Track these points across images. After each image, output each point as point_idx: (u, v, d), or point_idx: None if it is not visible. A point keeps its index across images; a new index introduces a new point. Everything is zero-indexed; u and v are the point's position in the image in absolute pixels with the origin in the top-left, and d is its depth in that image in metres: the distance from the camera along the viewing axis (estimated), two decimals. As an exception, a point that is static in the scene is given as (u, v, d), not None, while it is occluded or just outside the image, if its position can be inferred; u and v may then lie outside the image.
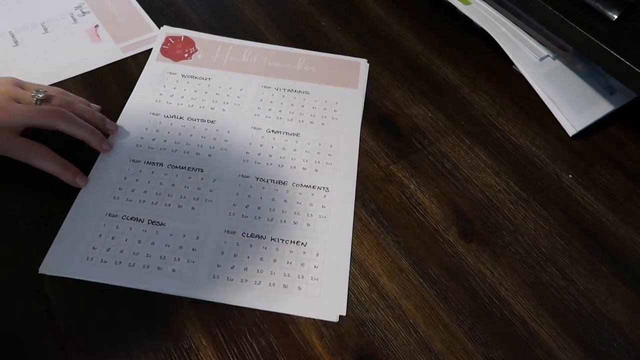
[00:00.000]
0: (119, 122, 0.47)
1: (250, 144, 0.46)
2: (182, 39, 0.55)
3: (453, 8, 0.57)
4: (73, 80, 0.50)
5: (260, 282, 0.38)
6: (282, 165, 0.45)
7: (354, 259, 0.40)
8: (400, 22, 0.60)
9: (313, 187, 0.44)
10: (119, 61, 0.52)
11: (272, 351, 0.35)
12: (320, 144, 0.47)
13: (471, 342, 0.37)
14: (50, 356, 0.34)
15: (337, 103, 0.50)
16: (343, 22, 0.59)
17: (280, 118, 0.49)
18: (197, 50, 0.54)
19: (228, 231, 0.40)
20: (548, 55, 0.53)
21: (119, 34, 0.55)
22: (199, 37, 0.55)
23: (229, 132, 0.47)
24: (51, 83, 0.49)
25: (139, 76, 0.51)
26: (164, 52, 0.53)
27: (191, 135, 0.46)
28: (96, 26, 0.55)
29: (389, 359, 0.36)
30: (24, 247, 0.39)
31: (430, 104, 0.52)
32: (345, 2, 0.61)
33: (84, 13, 0.57)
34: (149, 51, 0.53)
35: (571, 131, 0.49)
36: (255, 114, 0.49)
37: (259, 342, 0.36)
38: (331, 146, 0.47)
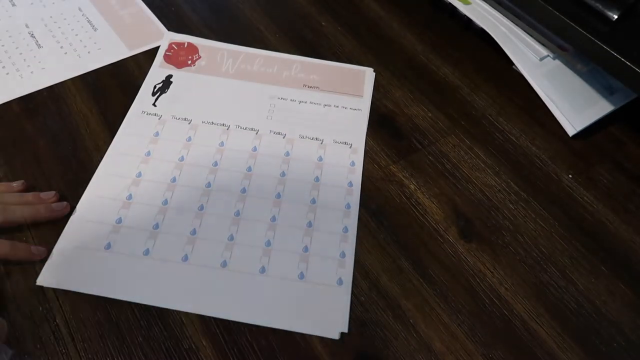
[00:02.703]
0: (122, 128, 0.46)
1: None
2: (186, 45, 0.54)
3: (453, 8, 0.57)
4: (73, 80, 0.50)
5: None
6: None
7: (354, 259, 0.40)
8: (400, 22, 0.60)
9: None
10: (120, 61, 0.52)
11: (272, 351, 0.36)
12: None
13: (471, 342, 0.37)
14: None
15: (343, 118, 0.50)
16: (343, 22, 0.59)
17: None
18: (200, 57, 0.53)
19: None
20: (548, 55, 0.52)
21: (122, 33, 0.55)
22: (203, 44, 0.55)
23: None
24: (52, 83, 0.49)
25: (139, 77, 0.51)
26: (167, 58, 0.53)
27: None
28: (98, 27, 0.55)
29: (389, 359, 0.36)
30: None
31: (430, 104, 0.52)
32: (345, 2, 0.61)
33: (86, 12, 0.57)
34: (151, 50, 0.53)
35: (571, 131, 0.49)
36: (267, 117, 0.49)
37: (259, 342, 0.36)
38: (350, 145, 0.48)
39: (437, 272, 0.40)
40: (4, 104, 0.47)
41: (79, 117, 0.47)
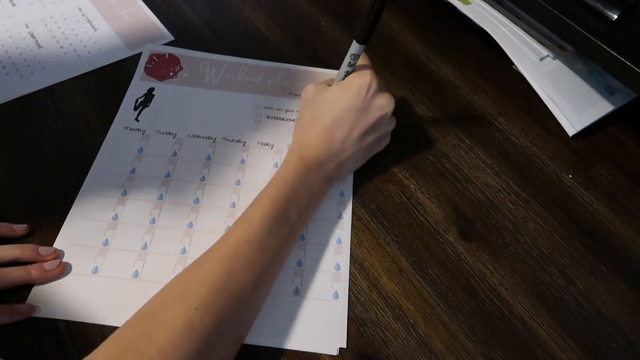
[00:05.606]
0: (103, 146, 0.45)
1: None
2: (167, 56, 0.53)
3: (453, 8, 0.57)
4: (73, 80, 0.50)
5: None
6: None
7: (354, 259, 0.40)
8: (400, 22, 0.60)
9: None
10: (120, 61, 0.52)
11: (271, 350, 0.36)
12: None
13: (471, 342, 0.37)
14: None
15: None
16: (343, 22, 0.59)
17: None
18: (182, 68, 0.52)
19: None
20: (548, 55, 0.53)
21: (122, 33, 0.55)
22: (185, 55, 0.53)
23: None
24: (52, 83, 0.49)
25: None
26: (148, 71, 0.51)
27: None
28: (98, 27, 0.55)
29: (389, 359, 0.36)
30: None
31: (430, 104, 0.52)
32: (345, 2, 0.61)
33: (86, 12, 0.57)
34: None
35: (571, 131, 0.49)
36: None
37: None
38: None
39: (437, 272, 0.40)
40: (4, 104, 0.47)
41: (79, 117, 0.47)
